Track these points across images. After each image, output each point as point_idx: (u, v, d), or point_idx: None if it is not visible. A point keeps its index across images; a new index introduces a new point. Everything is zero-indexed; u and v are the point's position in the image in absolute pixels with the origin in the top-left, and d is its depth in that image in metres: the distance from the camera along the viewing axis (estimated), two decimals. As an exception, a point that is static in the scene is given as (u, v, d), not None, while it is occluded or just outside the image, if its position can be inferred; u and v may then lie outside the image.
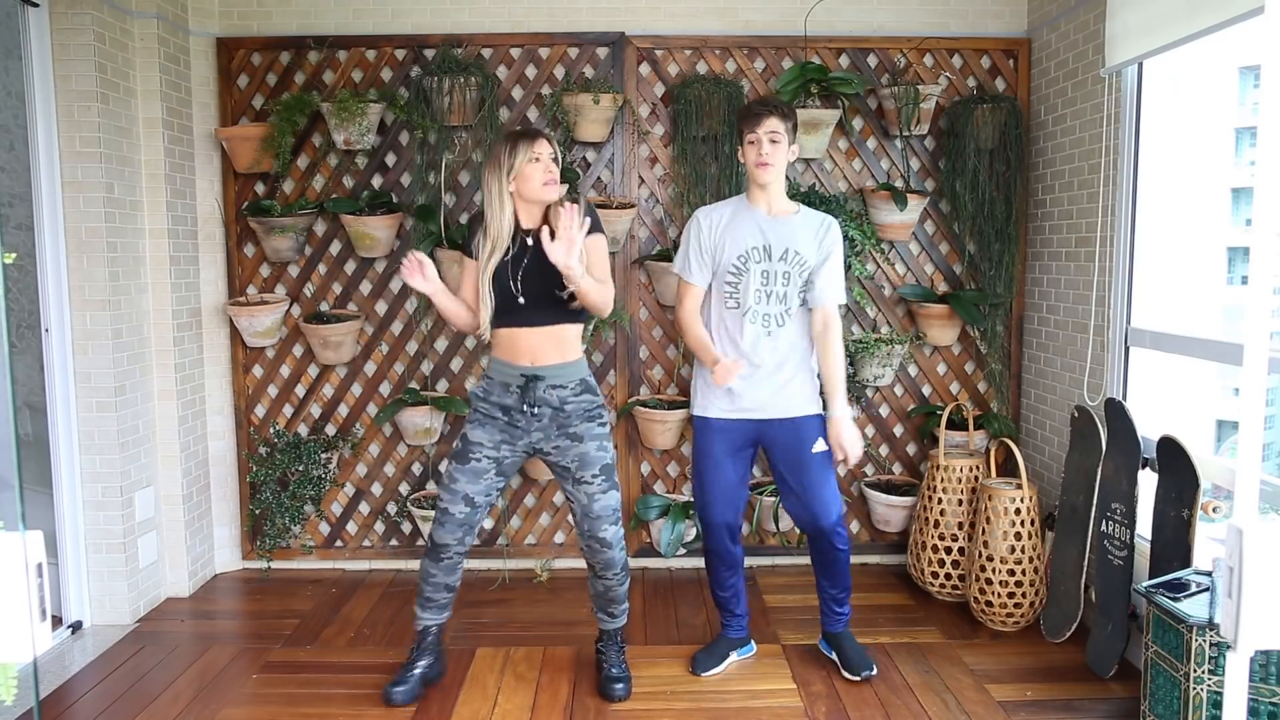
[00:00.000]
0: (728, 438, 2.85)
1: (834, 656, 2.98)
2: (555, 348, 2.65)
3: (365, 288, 3.84)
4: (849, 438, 2.76)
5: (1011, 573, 3.23)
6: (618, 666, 2.86)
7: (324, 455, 3.78)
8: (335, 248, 3.82)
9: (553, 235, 2.48)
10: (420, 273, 2.62)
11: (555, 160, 2.65)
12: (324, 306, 3.83)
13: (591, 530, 2.70)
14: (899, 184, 3.77)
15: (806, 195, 3.67)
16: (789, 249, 2.77)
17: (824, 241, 2.81)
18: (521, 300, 2.62)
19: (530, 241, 2.64)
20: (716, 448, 2.85)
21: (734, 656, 3.03)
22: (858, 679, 2.88)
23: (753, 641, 3.11)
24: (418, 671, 2.80)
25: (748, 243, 2.78)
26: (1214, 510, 2.61)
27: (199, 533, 3.74)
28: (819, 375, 2.86)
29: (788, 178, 3.76)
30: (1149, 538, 2.78)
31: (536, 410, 2.62)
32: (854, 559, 3.93)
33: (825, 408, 2.84)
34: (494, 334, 2.69)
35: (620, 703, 2.77)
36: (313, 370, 3.86)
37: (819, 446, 2.81)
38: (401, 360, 3.86)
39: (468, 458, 2.67)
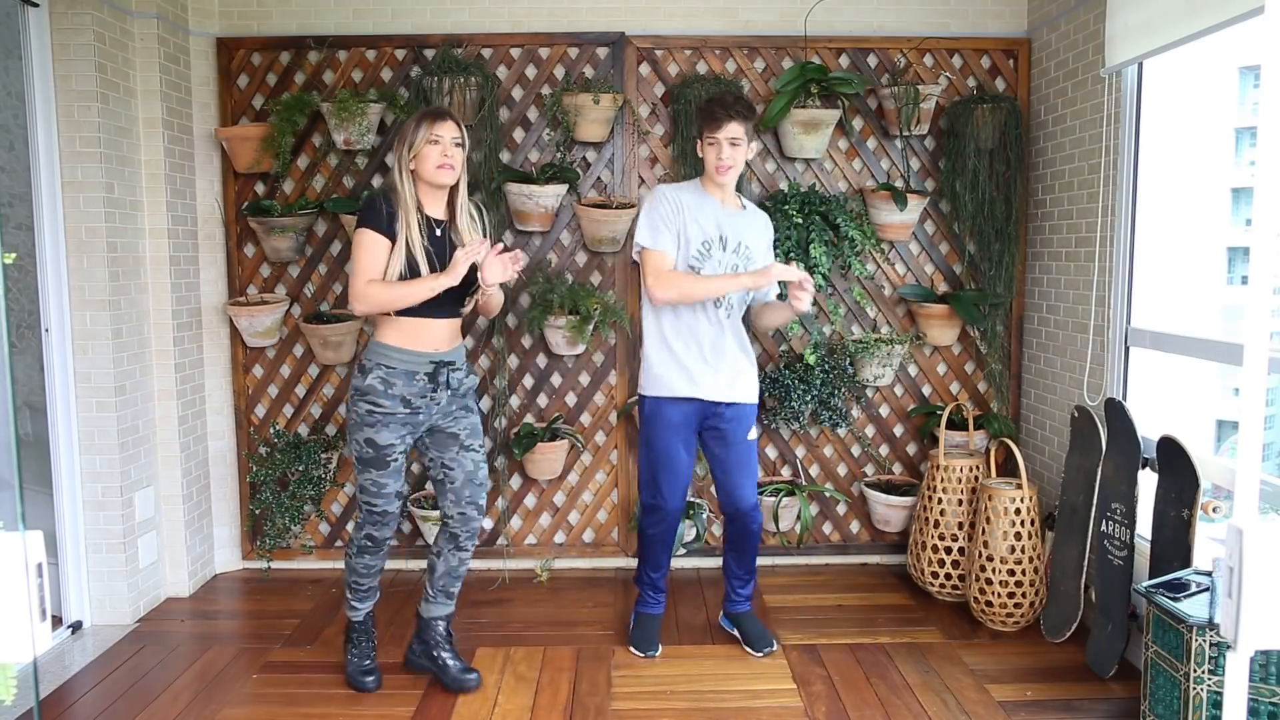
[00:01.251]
0: (685, 419, 2.96)
1: (736, 633, 3.16)
2: (454, 334, 2.74)
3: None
4: (779, 268, 2.79)
5: (1011, 573, 3.23)
6: (460, 658, 2.89)
7: (324, 455, 3.78)
8: (335, 248, 3.82)
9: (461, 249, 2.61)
10: (514, 265, 2.61)
11: (457, 143, 2.61)
12: (324, 306, 3.83)
13: (473, 497, 2.78)
14: (899, 184, 3.77)
15: (806, 195, 3.67)
16: (741, 242, 2.92)
17: (769, 238, 3.02)
18: (439, 294, 2.59)
19: (440, 234, 2.68)
20: (677, 429, 2.95)
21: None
22: (760, 655, 3.04)
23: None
24: (373, 657, 2.90)
25: (708, 231, 2.90)
26: (1214, 510, 2.61)
27: (199, 533, 3.74)
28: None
29: (788, 177, 3.78)
30: (1149, 538, 2.78)
31: (450, 392, 2.71)
32: (854, 559, 3.94)
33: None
34: (394, 322, 2.62)
35: (477, 690, 2.82)
36: (313, 370, 3.86)
37: (752, 434, 3.02)
38: (401, 360, 3.85)
39: (386, 462, 2.66)
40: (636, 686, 2.87)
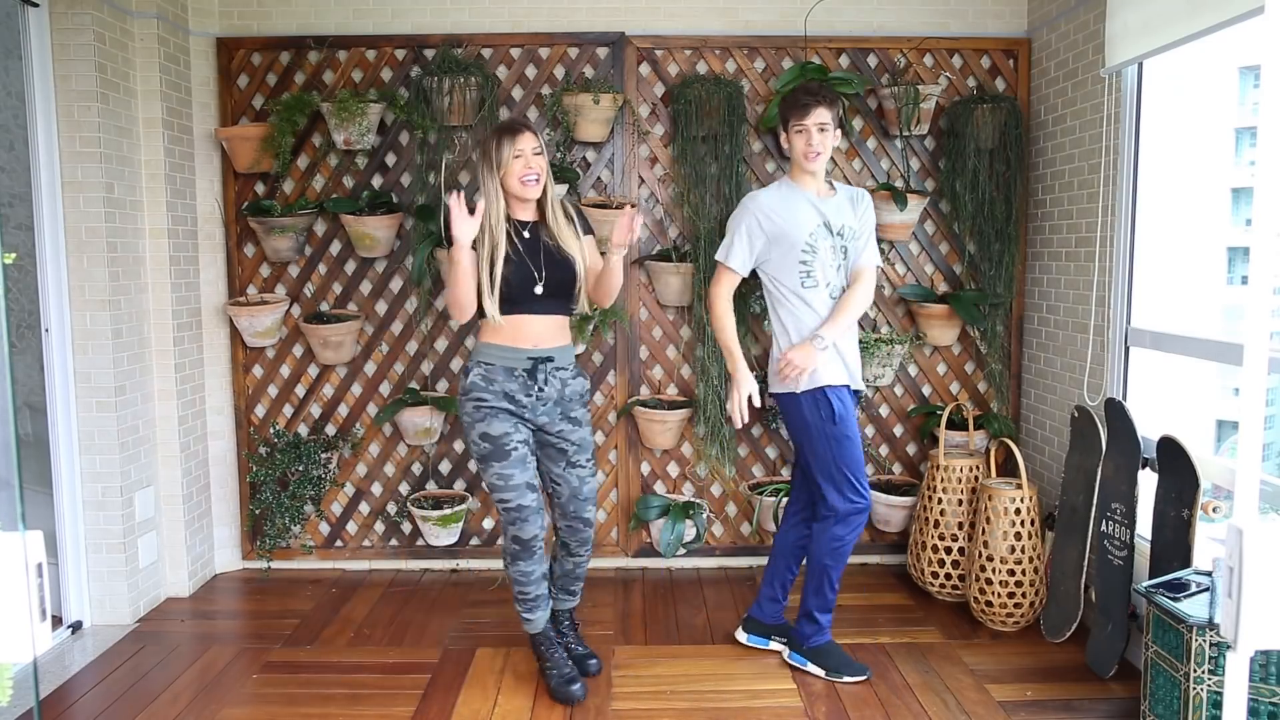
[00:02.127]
0: (850, 407, 2.86)
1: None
2: (559, 332, 2.75)
3: (365, 288, 3.84)
4: (798, 355, 2.77)
5: (1011, 573, 3.23)
6: (582, 643, 2.99)
7: (324, 455, 3.78)
8: (335, 248, 3.82)
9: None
10: (465, 212, 2.55)
11: (537, 153, 2.68)
12: (324, 306, 3.83)
13: (578, 511, 2.82)
14: (899, 184, 3.77)
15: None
16: (846, 225, 2.88)
17: (864, 214, 2.95)
18: (540, 290, 2.67)
19: (529, 235, 2.71)
20: (852, 417, 2.84)
21: (780, 645, 3.08)
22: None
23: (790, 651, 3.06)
24: (571, 663, 2.85)
25: (809, 224, 2.84)
26: (1214, 510, 2.61)
27: (199, 533, 3.74)
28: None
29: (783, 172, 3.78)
30: (1149, 538, 2.78)
31: (544, 391, 2.69)
32: (854, 559, 3.93)
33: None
34: (496, 320, 2.66)
35: (597, 675, 2.88)
36: (313, 370, 3.86)
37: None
38: (401, 360, 3.86)
39: (506, 452, 2.64)
40: (636, 686, 2.87)
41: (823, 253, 2.84)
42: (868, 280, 2.92)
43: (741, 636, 3.14)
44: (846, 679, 2.87)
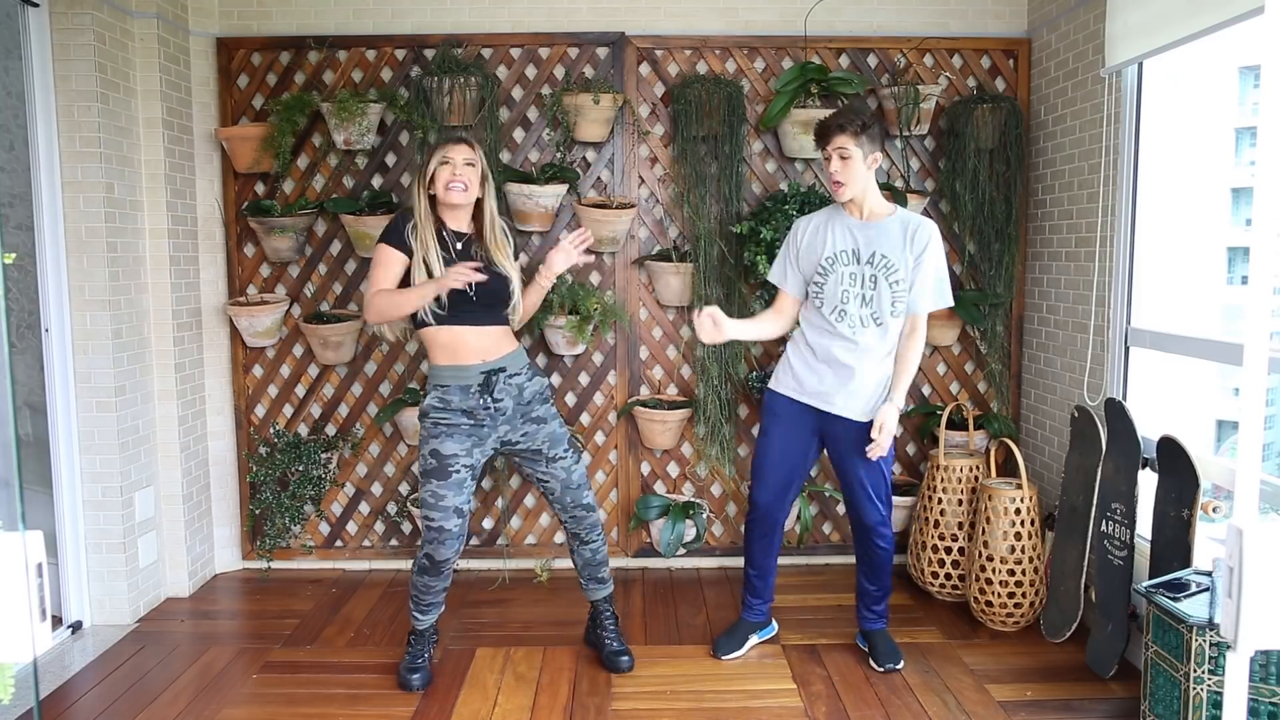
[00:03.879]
0: (804, 425, 2.91)
1: (865, 648, 3.09)
2: (504, 342, 2.77)
3: (365, 288, 3.83)
4: (888, 426, 2.76)
5: (1011, 573, 3.23)
6: (618, 640, 2.99)
7: (324, 455, 3.78)
8: (335, 248, 3.82)
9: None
10: (467, 275, 2.57)
11: (469, 164, 2.71)
12: (324, 306, 3.83)
13: (576, 500, 2.85)
14: (899, 184, 3.77)
15: (806, 195, 3.66)
16: (876, 252, 2.79)
17: (912, 243, 2.80)
18: (475, 301, 2.68)
19: (461, 246, 2.74)
20: (773, 423, 2.94)
21: (754, 639, 3.12)
22: (882, 670, 2.96)
23: (774, 621, 3.20)
24: (426, 656, 2.91)
25: (834, 247, 2.83)
26: (1214, 510, 2.61)
27: (199, 533, 3.74)
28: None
29: (788, 177, 3.77)
30: (1149, 538, 2.78)
31: (501, 403, 2.71)
32: (854, 559, 3.92)
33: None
34: (436, 342, 2.71)
35: (628, 673, 2.91)
36: (313, 370, 3.86)
37: (878, 453, 2.84)
38: (401, 360, 3.86)
39: (448, 473, 2.68)
40: (636, 686, 2.87)
41: (836, 278, 2.81)
42: (919, 333, 2.81)
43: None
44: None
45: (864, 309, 2.80)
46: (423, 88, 3.58)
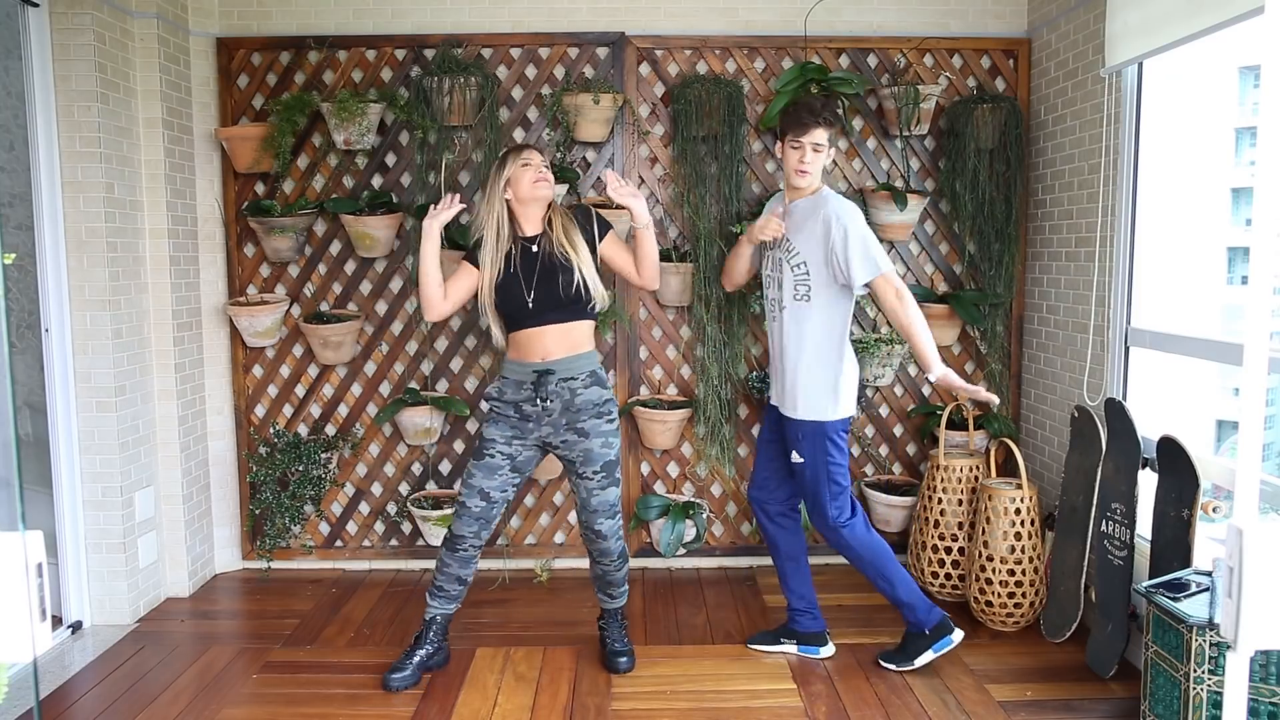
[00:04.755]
0: (768, 419, 3.06)
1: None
2: (565, 342, 2.78)
3: (365, 288, 3.84)
4: (957, 386, 2.85)
5: (1011, 573, 3.23)
6: (620, 641, 3.01)
7: (324, 455, 3.78)
8: (335, 248, 3.82)
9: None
10: (448, 208, 2.81)
11: (547, 166, 2.83)
12: (324, 306, 3.83)
13: (588, 522, 2.86)
14: (899, 184, 3.77)
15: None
16: (789, 239, 2.88)
17: (819, 222, 2.79)
18: (530, 305, 2.75)
19: (535, 249, 2.79)
20: (763, 426, 3.09)
21: (789, 645, 3.10)
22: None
23: (830, 643, 3.08)
24: (416, 659, 2.90)
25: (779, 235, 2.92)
26: (1214, 510, 2.61)
27: (199, 533, 3.74)
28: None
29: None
30: (1149, 538, 2.78)
31: (549, 404, 2.74)
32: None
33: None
34: (511, 338, 2.85)
35: (625, 674, 2.92)
36: (313, 370, 3.86)
37: (795, 457, 2.89)
38: (401, 360, 3.86)
39: (483, 454, 2.81)
40: (636, 686, 2.87)
41: (768, 265, 2.97)
42: (900, 298, 2.77)
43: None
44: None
45: (779, 292, 2.90)
46: (423, 88, 3.58)
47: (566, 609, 3.48)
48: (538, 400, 2.73)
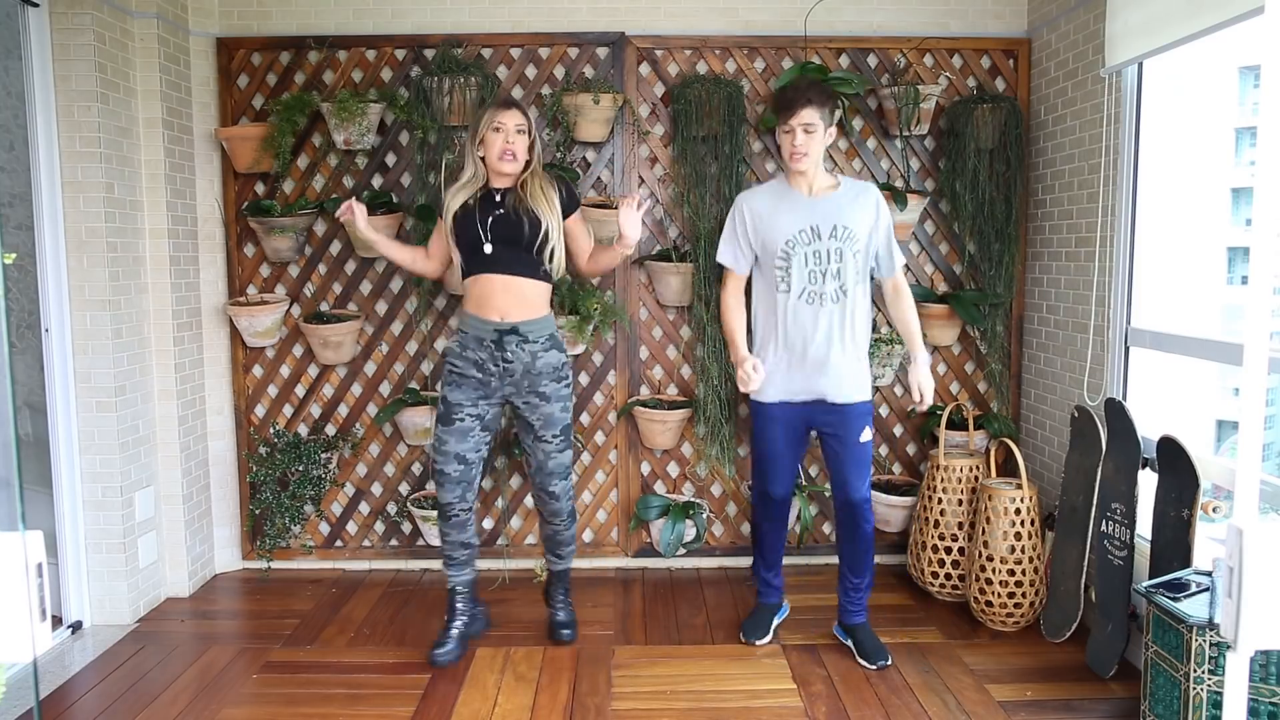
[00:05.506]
0: (786, 422, 2.96)
1: (849, 643, 3.10)
2: (522, 303, 2.81)
3: (365, 288, 3.84)
4: (925, 381, 2.90)
5: (1011, 573, 3.23)
6: (564, 610, 3.12)
7: (324, 455, 3.78)
8: (335, 248, 3.82)
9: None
10: (350, 212, 2.90)
11: (521, 132, 2.81)
12: (324, 306, 3.83)
13: (543, 484, 2.94)
14: (899, 184, 3.77)
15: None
16: (837, 225, 2.83)
17: (867, 209, 2.88)
18: (488, 248, 2.79)
19: (499, 198, 2.83)
20: (774, 432, 2.98)
21: (775, 621, 3.24)
22: (875, 668, 2.96)
23: (786, 602, 3.31)
24: (454, 631, 3.00)
25: (793, 228, 2.84)
26: (1214, 510, 2.61)
27: (199, 533, 3.74)
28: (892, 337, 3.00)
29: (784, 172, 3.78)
30: (1149, 538, 2.78)
31: (510, 365, 2.79)
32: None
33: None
34: (468, 284, 2.86)
35: (569, 645, 3.03)
36: (313, 370, 3.86)
37: (865, 436, 2.93)
38: (401, 360, 3.86)
39: (451, 419, 2.84)
40: (636, 686, 2.87)
41: (801, 258, 2.84)
42: (904, 291, 2.94)
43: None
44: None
45: (832, 284, 2.84)
46: (423, 88, 3.58)
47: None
48: (500, 358, 2.79)
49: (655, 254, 3.76)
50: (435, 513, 3.66)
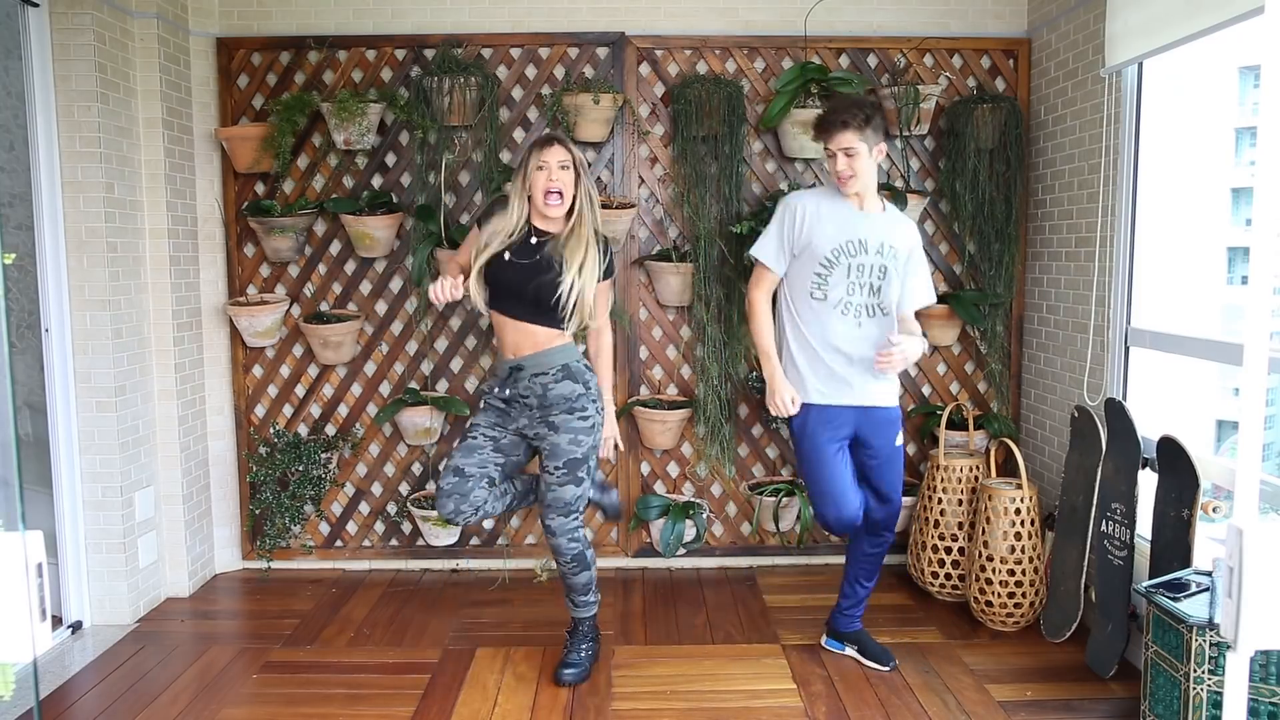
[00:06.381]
0: (832, 427, 2.81)
1: (848, 652, 3.07)
2: (530, 341, 2.78)
3: (365, 288, 3.84)
4: (910, 344, 2.69)
5: (1011, 573, 3.23)
6: (574, 653, 2.95)
7: (324, 455, 3.78)
8: (335, 248, 3.82)
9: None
10: (460, 290, 2.74)
11: (565, 168, 2.72)
12: (324, 306, 3.83)
13: (542, 516, 2.87)
14: (899, 184, 3.77)
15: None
16: (885, 243, 2.77)
17: (905, 236, 2.83)
18: (508, 292, 2.76)
19: (535, 243, 2.77)
20: (812, 438, 2.81)
21: (850, 649, 3.09)
22: (887, 669, 2.95)
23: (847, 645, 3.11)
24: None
25: (840, 237, 2.75)
26: (1214, 510, 2.61)
27: (199, 533, 3.74)
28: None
29: (788, 177, 3.78)
30: (1149, 538, 2.78)
31: (524, 399, 2.79)
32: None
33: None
34: (491, 317, 2.86)
35: (565, 687, 2.86)
36: (313, 370, 3.86)
37: (898, 440, 2.89)
38: (401, 360, 3.85)
39: (465, 437, 2.85)
40: (636, 686, 2.87)
41: (843, 269, 2.75)
42: (913, 326, 2.86)
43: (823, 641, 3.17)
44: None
45: (872, 299, 2.78)
46: (423, 88, 3.58)
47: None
48: (518, 396, 2.79)
49: (655, 254, 3.76)
50: (435, 513, 3.67)
